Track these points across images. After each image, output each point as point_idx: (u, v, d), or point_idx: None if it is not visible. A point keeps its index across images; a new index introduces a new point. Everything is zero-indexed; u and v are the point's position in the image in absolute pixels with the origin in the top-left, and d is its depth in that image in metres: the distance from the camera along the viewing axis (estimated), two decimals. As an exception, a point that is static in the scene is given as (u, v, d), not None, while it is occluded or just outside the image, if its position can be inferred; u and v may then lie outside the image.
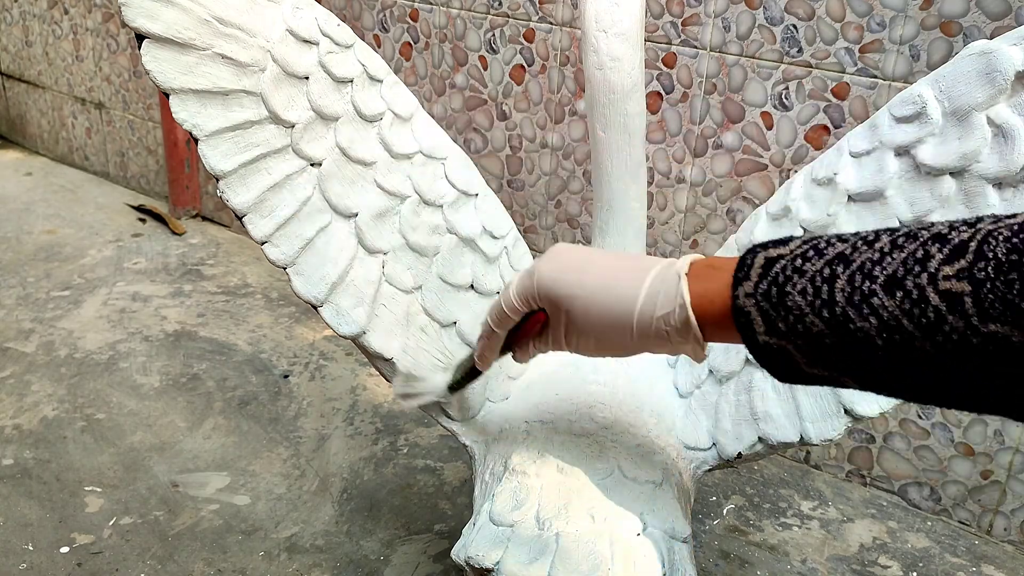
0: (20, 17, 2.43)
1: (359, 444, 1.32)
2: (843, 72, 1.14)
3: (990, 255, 0.37)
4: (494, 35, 1.47)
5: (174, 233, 2.08)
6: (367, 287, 0.74)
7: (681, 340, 0.51)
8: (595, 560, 0.64)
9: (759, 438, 0.75)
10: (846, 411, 0.71)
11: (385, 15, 1.62)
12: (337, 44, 0.72)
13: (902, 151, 0.68)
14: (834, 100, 1.16)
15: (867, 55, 1.12)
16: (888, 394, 0.44)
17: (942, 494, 1.21)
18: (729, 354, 0.77)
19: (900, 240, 0.41)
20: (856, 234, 0.44)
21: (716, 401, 0.78)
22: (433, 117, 0.79)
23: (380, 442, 1.33)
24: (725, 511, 1.22)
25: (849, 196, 0.71)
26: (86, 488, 1.20)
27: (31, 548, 1.09)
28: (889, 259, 0.40)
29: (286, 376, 1.50)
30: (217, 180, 0.68)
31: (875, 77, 1.12)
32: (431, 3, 1.54)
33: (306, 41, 0.70)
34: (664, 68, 1.30)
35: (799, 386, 0.73)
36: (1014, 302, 0.35)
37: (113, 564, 1.07)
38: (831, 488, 1.28)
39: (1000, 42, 0.63)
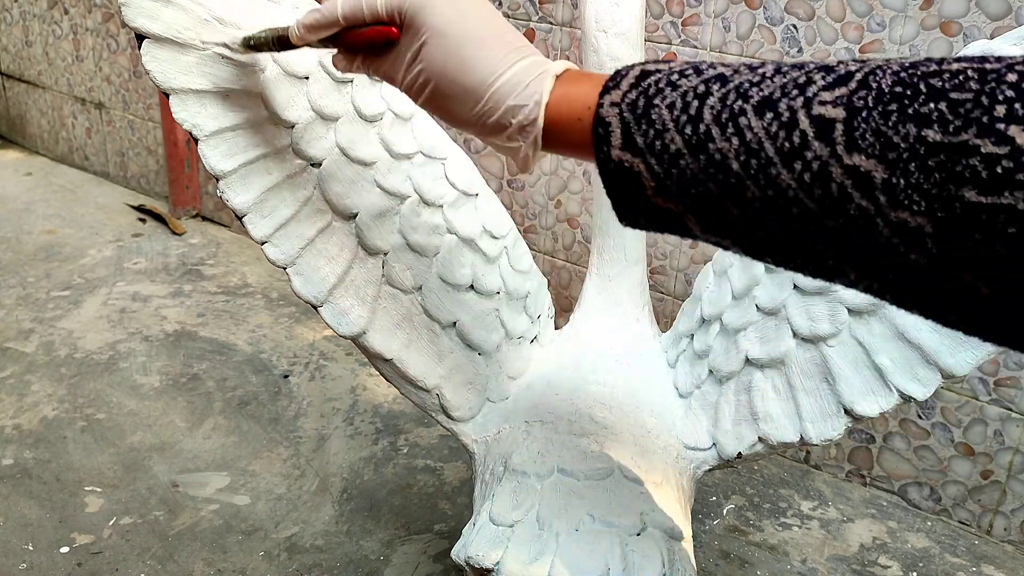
0: (20, 17, 2.43)
1: (359, 444, 1.32)
2: (843, 72, 1.14)
3: (874, 85, 0.34)
4: (494, 35, 1.47)
5: (174, 233, 2.08)
6: (367, 287, 0.74)
7: (518, 138, 0.48)
8: (595, 561, 0.64)
9: (759, 438, 0.75)
10: (846, 411, 0.71)
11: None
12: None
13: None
14: (834, 100, 1.16)
15: (867, 55, 1.12)
16: (728, 240, 0.40)
17: (942, 494, 1.21)
18: (729, 354, 0.77)
19: (785, 68, 0.38)
20: (743, 63, 0.41)
21: (716, 401, 0.78)
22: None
23: (380, 442, 1.33)
24: (725, 511, 1.22)
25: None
26: (86, 488, 1.20)
27: (31, 548, 1.09)
28: (769, 82, 0.37)
29: (286, 376, 1.50)
30: (217, 180, 0.68)
31: (875, 77, 1.12)
32: (431, 3, 1.54)
33: (306, 41, 0.70)
34: (664, 68, 1.29)
35: (798, 386, 0.73)
36: (886, 134, 0.33)
37: (113, 564, 1.07)
38: (831, 488, 1.28)
39: (1000, 42, 0.63)
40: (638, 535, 0.67)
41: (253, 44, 0.63)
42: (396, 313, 0.76)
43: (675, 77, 0.40)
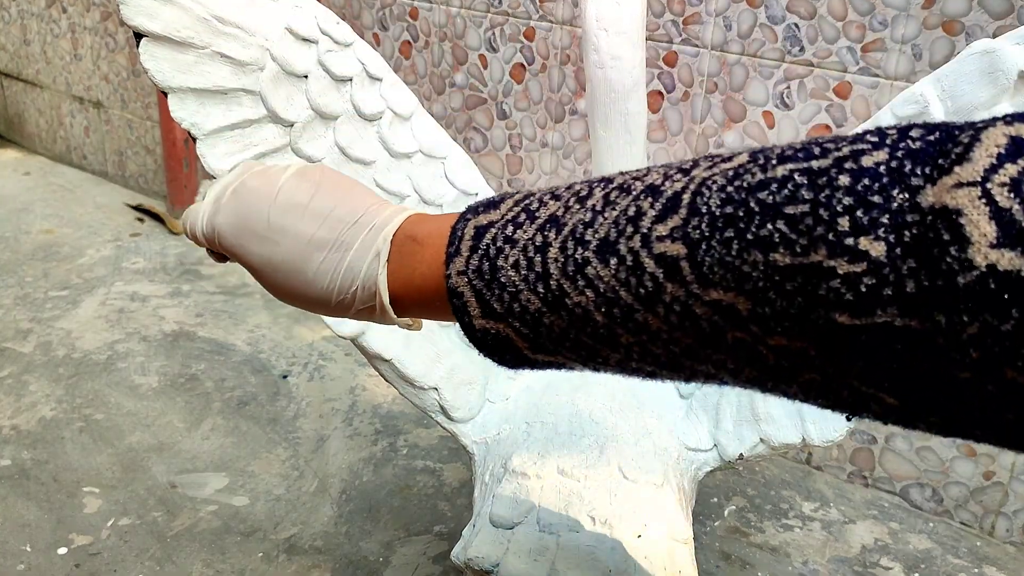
0: (18, 16, 2.42)
1: (358, 445, 1.32)
2: (845, 71, 1.14)
3: (703, 210, 0.31)
4: (494, 34, 1.47)
5: (172, 233, 2.07)
6: (366, 287, 0.74)
7: (384, 321, 0.46)
8: (595, 562, 0.64)
9: (760, 439, 0.75)
10: (848, 412, 0.70)
11: (384, 13, 1.61)
12: (336, 42, 0.71)
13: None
14: (836, 99, 1.16)
15: (869, 54, 1.12)
16: (624, 374, 0.39)
17: (944, 495, 1.21)
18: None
19: (613, 195, 0.35)
20: (571, 187, 0.38)
21: (717, 402, 0.78)
22: (433, 116, 0.79)
23: (379, 443, 1.32)
24: (726, 512, 1.21)
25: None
26: (84, 489, 1.20)
27: (29, 549, 1.08)
28: (601, 219, 0.35)
29: (285, 376, 1.49)
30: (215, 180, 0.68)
31: (877, 76, 1.12)
32: (431, 1, 1.54)
33: (305, 39, 0.70)
34: (665, 67, 1.29)
35: None
36: (733, 264, 0.30)
37: (111, 565, 1.06)
38: (833, 489, 1.27)
39: (1003, 41, 0.62)
40: (638, 536, 0.66)
41: None
42: (396, 313, 0.76)
43: (509, 230, 0.39)
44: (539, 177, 1.49)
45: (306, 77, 0.70)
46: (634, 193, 0.35)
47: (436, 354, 0.79)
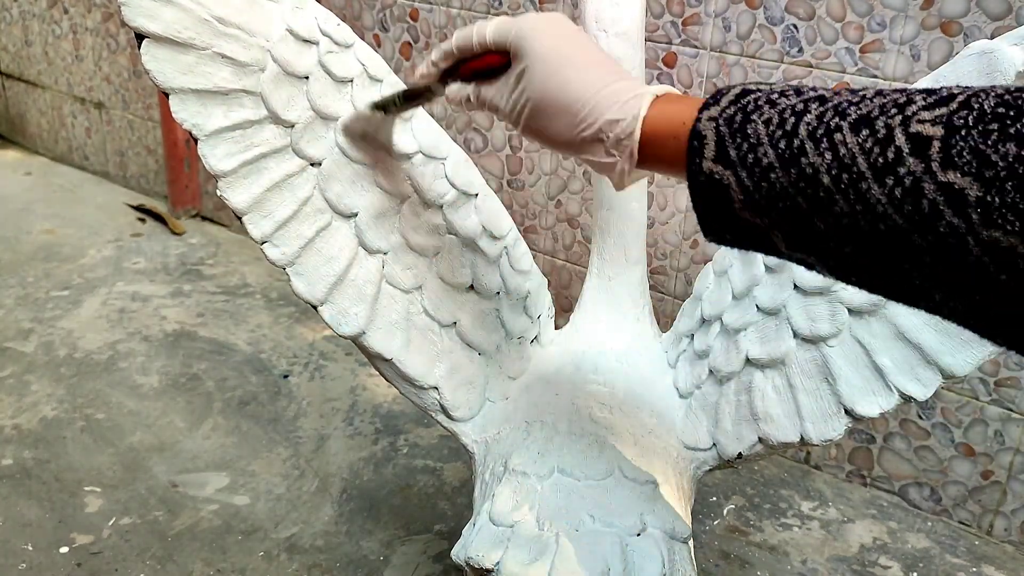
0: (20, 16, 2.43)
1: (359, 444, 1.32)
2: (844, 72, 1.14)
3: (975, 105, 0.33)
4: (494, 35, 1.47)
5: (174, 233, 2.08)
6: (367, 287, 0.74)
7: (614, 152, 0.49)
8: (595, 561, 0.64)
9: (759, 438, 0.75)
10: (846, 411, 0.71)
11: (385, 14, 1.62)
12: (337, 43, 0.72)
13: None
14: (834, 100, 1.16)
15: (868, 55, 1.12)
16: (813, 256, 0.40)
17: (942, 494, 1.21)
18: (730, 355, 0.77)
19: (887, 91, 0.38)
20: (846, 87, 0.41)
21: (716, 401, 0.78)
22: (433, 117, 0.79)
23: (380, 442, 1.33)
24: (725, 511, 1.22)
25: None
26: (85, 488, 1.20)
27: (30, 548, 1.09)
28: (868, 102, 0.37)
29: (286, 376, 1.49)
30: (217, 180, 0.68)
31: (876, 77, 1.12)
32: (431, 3, 1.54)
33: (306, 40, 0.70)
34: (664, 68, 1.30)
35: (798, 387, 0.72)
36: (984, 152, 0.32)
37: (112, 564, 1.07)
38: (831, 488, 1.28)
39: (1001, 42, 0.63)
40: (638, 535, 0.67)
41: (380, 104, 0.69)
42: (396, 313, 0.76)
43: (775, 96, 0.41)
44: (539, 177, 1.50)
45: (307, 78, 0.70)
46: (909, 91, 0.37)
47: (436, 354, 0.79)
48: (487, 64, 0.57)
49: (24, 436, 1.30)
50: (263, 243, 0.70)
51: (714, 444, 0.78)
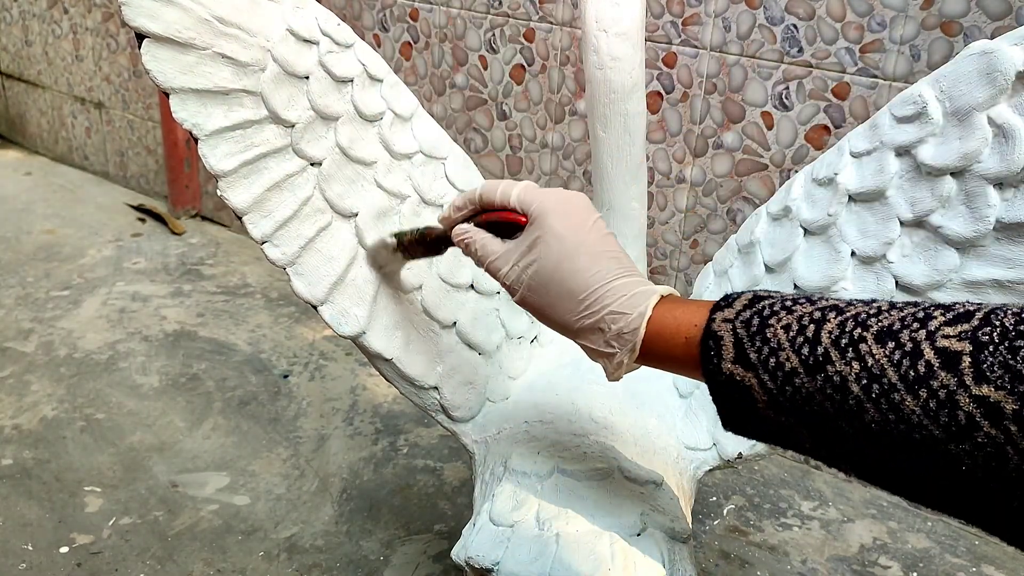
0: (20, 16, 2.43)
1: (359, 444, 1.32)
2: (844, 72, 1.14)
3: (997, 323, 0.35)
4: (494, 35, 1.47)
5: (174, 233, 2.08)
6: (367, 287, 0.74)
7: (615, 344, 0.50)
8: (595, 561, 0.64)
9: (759, 438, 0.75)
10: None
11: (385, 14, 1.62)
12: (337, 43, 0.72)
13: (903, 151, 0.68)
14: (835, 100, 1.16)
15: (868, 55, 1.12)
16: (840, 458, 0.41)
17: None
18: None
19: (900, 304, 0.39)
20: (854, 299, 0.42)
21: (716, 401, 0.78)
22: (433, 117, 0.79)
23: (380, 442, 1.33)
24: (725, 511, 1.22)
25: (850, 196, 0.71)
26: (85, 488, 1.20)
27: (30, 548, 1.09)
28: (887, 315, 0.39)
29: (286, 376, 1.49)
30: (217, 180, 0.68)
31: (876, 77, 1.12)
32: (431, 3, 1.54)
33: (306, 40, 0.70)
34: (664, 68, 1.30)
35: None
36: (1015, 367, 0.33)
37: (112, 564, 1.07)
38: (831, 488, 1.28)
39: (1001, 42, 0.63)
40: (638, 535, 0.67)
41: (399, 237, 0.69)
42: (396, 313, 0.76)
43: (788, 303, 0.42)
44: (539, 177, 1.50)
45: (307, 78, 0.70)
46: (923, 305, 0.38)
47: (436, 354, 0.79)
48: (504, 219, 0.57)
49: (24, 436, 1.30)
50: (263, 243, 0.70)
51: (714, 444, 0.78)
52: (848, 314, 0.39)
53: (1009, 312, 0.35)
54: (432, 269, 0.78)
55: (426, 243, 0.67)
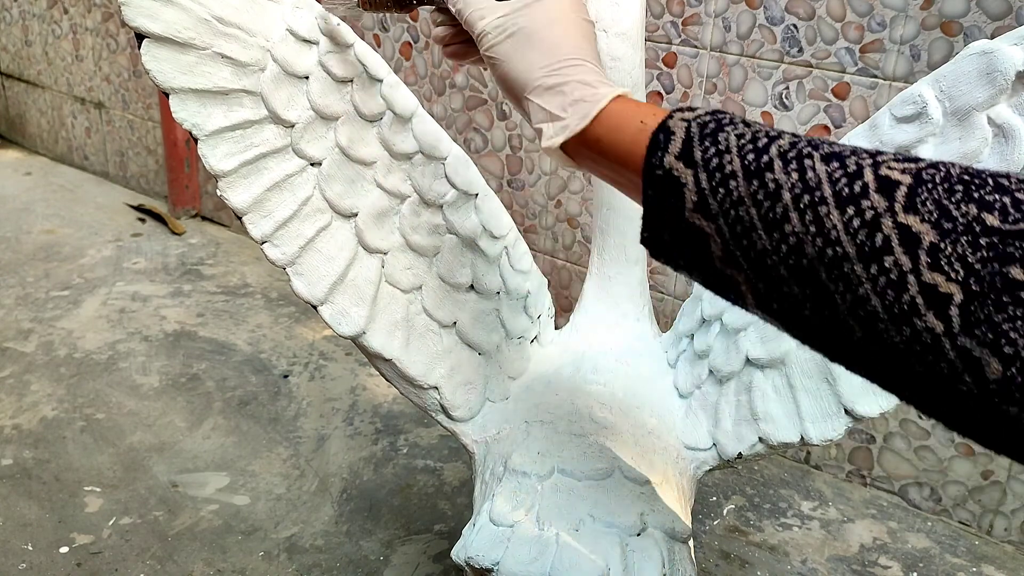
0: (20, 17, 2.43)
1: (359, 444, 1.32)
2: (844, 72, 1.14)
3: (943, 169, 0.36)
4: (494, 35, 1.47)
5: (174, 233, 2.08)
6: (367, 287, 0.74)
7: (568, 111, 0.49)
8: (595, 561, 0.64)
9: (759, 438, 0.75)
10: (846, 411, 0.71)
11: (385, 15, 1.62)
12: (337, 43, 0.72)
13: (903, 151, 0.68)
14: (835, 100, 1.16)
15: (868, 55, 1.12)
16: (743, 274, 0.40)
17: (942, 494, 1.21)
18: (730, 354, 0.77)
19: (859, 147, 0.40)
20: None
21: (716, 401, 0.78)
22: (433, 117, 0.79)
23: (380, 442, 1.33)
24: (725, 511, 1.22)
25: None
26: (85, 488, 1.20)
27: (30, 548, 1.09)
28: (840, 146, 0.39)
29: (286, 376, 1.49)
30: (217, 180, 0.68)
31: (876, 77, 1.12)
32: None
33: (306, 40, 0.70)
34: (664, 68, 1.30)
35: (798, 386, 0.73)
36: (946, 206, 0.34)
37: (112, 564, 1.07)
38: (831, 488, 1.28)
39: (1001, 42, 0.63)
40: (638, 535, 0.67)
41: (370, 2, 0.64)
42: (396, 313, 0.76)
43: (752, 121, 0.42)
44: (539, 177, 1.50)
45: (307, 78, 0.70)
46: (881, 150, 0.39)
47: (436, 354, 0.79)
48: None
49: (24, 436, 1.30)
50: (263, 243, 0.70)
51: (714, 444, 0.78)
52: (805, 139, 0.40)
53: (959, 166, 0.36)
54: (432, 269, 0.78)
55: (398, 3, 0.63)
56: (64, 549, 1.09)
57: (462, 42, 0.60)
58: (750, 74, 1.22)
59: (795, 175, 0.38)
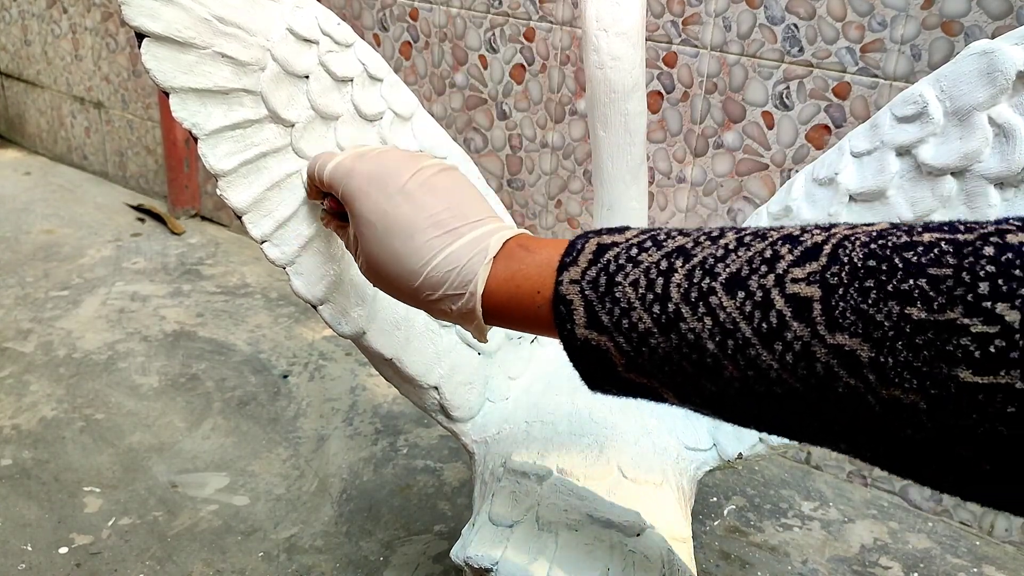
0: (19, 16, 2.43)
1: (358, 444, 1.32)
2: (844, 71, 1.14)
3: (845, 260, 0.33)
4: (494, 34, 1.47)
5: (173, 233, 2.08)
6: (367, 287, 0.74)
7: (463, 322, 0.48)
8: (594, 561, 0.64)
9: (760, 438, 0.75)
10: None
11: (385, 14, 1.62)
12: (337, 43, 0.72)
13: (903, 151, 0.68)
14: (835, 100, 1.16)
15: (868, 54, 1.12)
16: (708, 410, 0.39)
17: (943, 495, 1.21)
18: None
19: (747, 238, 0.37)
20: (699, 229, 0.40)
21: (717, 401, 0.78)
22: (433, 116, 0.79)
23: (380, 443, 1.33)
24: (726, 512, 1.22)
25: (850, 196, 0.71)
26: (85, 488, 1.20)
27: (30, 548, 1.09)
28: (734, 256, 0.36)
29: (285, 376, 1.49)
30: (216, 179, 0.68)
31: (876, 77, 1.12)
32: (431, 2, 1.54)
33: (306, 40, 0.70)
34: (665, 67, 1.29)
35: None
36: (867, 312, 0.32)
37: (112, 565, 1.07)
38: (832, 489, 1.28)
39: (1002, 41, 0.62)
40: (638, 536, 0.67)
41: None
42: (396, 313, 0.76)
43: (634, 252, 0.40)
44: (539, 177, 1.50)
45: (307, 77, 0.70)
46: (770, 239, 0.36)
47: (436, 353, 0.79)
48: (332, 204, 0.55)
49: (23, 436, 1.30)
50: (263, 243, 0.70)
51: (714, 444, 0.78)
52: (695, 259, 0.37)
53: (857, 243, 0.33)
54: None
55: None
56: (63, 549, 1.09)
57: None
58: (750, 73, 1.21)
59: (708, 320, 0.36)
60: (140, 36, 0.64)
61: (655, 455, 0.75)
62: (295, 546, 1.11)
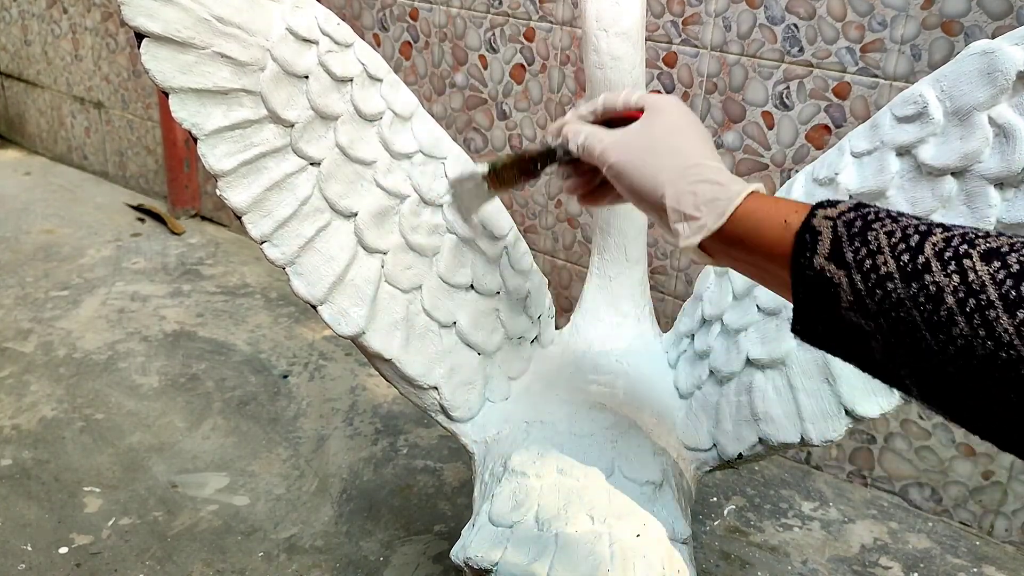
0: (19, 16, 2.43)
1: (358, 444, 1.32)
2: (844, 72, 1.14)
3: None
4: (494, 34, 1.47)
5: (173, 233, 2.08)
6: (367, 287, 0.74)
7: (703, 210, 0.50)
8: (594, 561, 0.64)
9: (759, 439, 0.75)
10: (847, 412, 0.71)
11: (385, 14, 1.61)
12: (337, 43, 0.72)
13: (903, 151, 0.68)
14: (835, 100, 1.16)
15: (868, 54, 1.12)
16: (908, 370, 0.40)
17: (943, 495, 1.21)
18: (730, 355, 0.77)
19: (1011, 234, 0.39)
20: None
21: (717, 402, 0.78)
22: (433, 116, 0.79)
23: (380, 442, 1.32)
24: (726, 512, 1.21)
25: (850, 196, 0.71)
26: (85, 488, 1.20)
27: (30, 548, 1.09)
28: (996, 239, 0.38)
29: (285, 376, 1.49)
30: (216, 179, 0.68)
31: (876, 77, 1.12)
32: (431, 2, 1.54)
33: (306, 40, 0.70)
34: (665, 67, 1.29)
35: (799, 387, 0.72)
36: None
37: (112, 565, 1.07)
38: (832, 489, 1.28)
39: (1001, 42, 0.62)
40: (638, 536, 0.66)
41: (498, 169, 0.64)
42: (396, 313, 0.76)
43: (895, 214, 0.42)
44: (539, 177, 1.49)
45: (306, 77, 0.70)
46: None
47: (436, 354, 0.79)
48: (623, 116, 0.58)
49: (23, 436, 1.30)
50: (263, 243, 0.70)
51: (714, 444, 0.78)
52: (955, 232, 0.39)
53: None
54: (432, 269, 0.78)
55: (520, 165, 0.65)
56: (63, 549, 1.09)
57: (592, 188, 0.62)
58: (750, 73, 1.21)
59: (956, 277, 0.37)
60: (140, 36, 0.64)
61: (655, 455, 0.74)
62: (295, 546, 1.11)
